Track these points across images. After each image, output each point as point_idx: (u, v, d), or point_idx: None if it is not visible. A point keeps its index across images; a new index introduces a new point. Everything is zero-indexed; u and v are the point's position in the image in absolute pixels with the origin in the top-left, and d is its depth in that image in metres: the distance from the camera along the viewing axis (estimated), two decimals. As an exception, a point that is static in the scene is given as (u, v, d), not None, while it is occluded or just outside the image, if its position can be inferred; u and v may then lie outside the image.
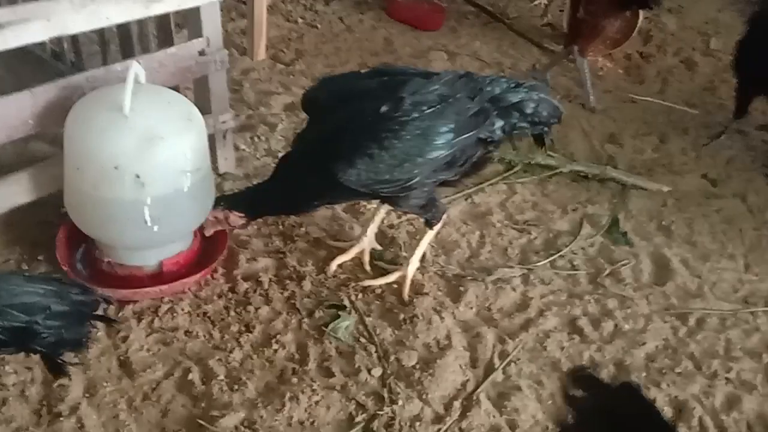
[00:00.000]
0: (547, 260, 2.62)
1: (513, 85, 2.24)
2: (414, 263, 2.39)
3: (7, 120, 2.11)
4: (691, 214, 3.00)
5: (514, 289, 2.47)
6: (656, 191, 3.13)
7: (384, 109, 2.05)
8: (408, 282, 2.38)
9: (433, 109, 2.08)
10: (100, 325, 2.08)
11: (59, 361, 1.68)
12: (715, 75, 4.38)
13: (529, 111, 2.21)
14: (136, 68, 2.05)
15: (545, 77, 4.02)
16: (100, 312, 1.78)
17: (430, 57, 4.17)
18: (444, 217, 2.38)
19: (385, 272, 2.48)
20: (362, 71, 2.32)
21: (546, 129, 2.31)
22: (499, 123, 2.19)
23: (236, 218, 2.26)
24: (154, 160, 2.05)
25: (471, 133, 2.13)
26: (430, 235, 2.38)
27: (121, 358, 2.08)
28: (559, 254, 2.66)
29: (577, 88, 4.02)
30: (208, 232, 2.32)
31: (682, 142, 3.62)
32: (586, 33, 3.82)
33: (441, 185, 2.31)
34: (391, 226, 2.74)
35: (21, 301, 1.50)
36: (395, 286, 2.44)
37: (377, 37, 4.35)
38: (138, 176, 2.03)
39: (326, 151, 2.09)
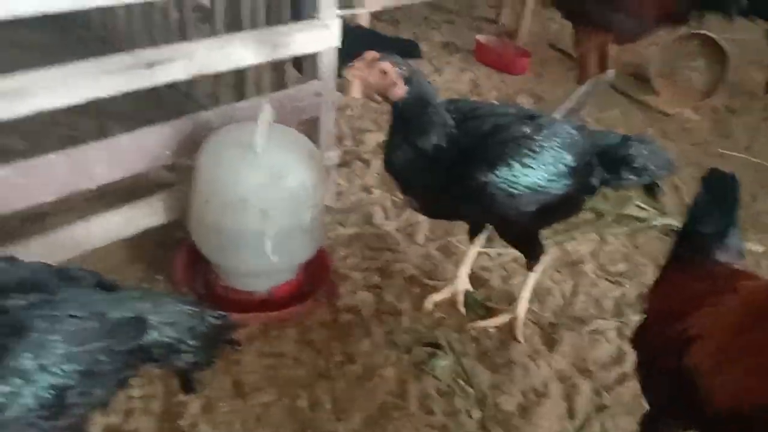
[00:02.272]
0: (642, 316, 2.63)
1: (622, 138, 2.30)
2: (524, 305, 2.47)
3: (149, 150, 2.29)
4: (785, 276, 2.97)
5: (609, 342, 2.50)
6: (748, 251, 3.11)
7: (527, 130, 2.13)
8: (521, 323, 2.46)
9: (563, 143, 2.16)
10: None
11: (192, 379, 1.80)
12: (804, 133, 4.34)
13: (637, 165, 2.25)
14: (268, 112, 2.20)
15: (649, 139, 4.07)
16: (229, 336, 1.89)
17: (516, 100, 4.26)
18: (545, 259, 2.44)
19: (486, 313, 2.57)
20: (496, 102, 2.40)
21: (656, 180, 2.34)
22: (605, 175, 2.25)
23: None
24: (279, 196, 2.19)
25: (583, 178, 2.20)
26: (533, 277, 2.44)
27: (235, 379, 2.20)
28: (652, 309, 2.67)
29: (663, 139, 4.04)
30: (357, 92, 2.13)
31: (772, 201, 3.59)
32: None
33: (541, 223, 2.36)
34: (483, 269, 2.81)
35: (174, 320, 1.63)
36: (491, 330, 2.50)
37: (465, 79, 4.48)
38: (264, 210, 2.16)
39: (464, 155, 2.09)
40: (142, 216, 2.43)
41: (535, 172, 2.12)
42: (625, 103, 4.44)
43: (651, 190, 2.39)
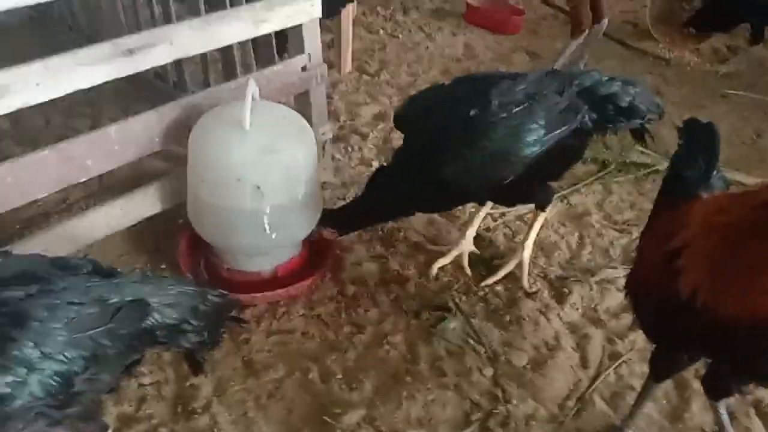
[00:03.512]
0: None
1: (606, 78, 2.24)
2: (528, 248, 2.45)
3: (137, 138, 2.28)
4: (796, 210, 2.91)
5: (619, 290, 2.47)
6: (753, 186, 3.06)
7: (473, 112, 2.10)
8: (526, 267, 2.45)
9: (521, 107, 2.11)
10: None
11: (200, 359, 1.81)
12: (810, 65, 4.24)
13: (623, 104, 2.19)
14: (252, 86, 2.18)
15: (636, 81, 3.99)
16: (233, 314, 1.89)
17: (512, 60, 4.20)
18: (553, 200, 2.42)
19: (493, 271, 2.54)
20: (445, 83, 2.38)
21: (643, 123, 2.29)
22: (593, 115, 2.18)
23: (329, 234, 2.45)
24: (273, 172, 2.17)
25: (563, 128, 2.14)
26: (541, 217, 2.40)
27: (245, 358, 2.20)
28: (661, 254, 2.64)
29: (664, 85, 3.97)
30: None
31: (780, 136, 3.52)
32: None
33: (543, 180, 2.35)
34: (487, 230, 2.79)
35: (175, 301, 1.63)
36: (498, 288, 2.49)
37: (458, 43, 4.42)
38: (258, 187, 2.15)
39: (422, 160, 2.15)
40: (139, 206, 2.42)
41: (496, 148, 2.08)
42: (622, 51, 4.36)
43: (640, 135, 2.33)
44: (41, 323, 1.45)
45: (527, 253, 2.46)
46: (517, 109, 2.11)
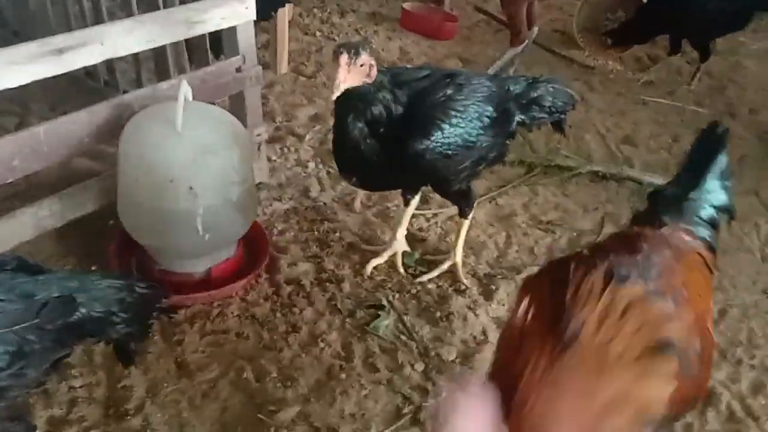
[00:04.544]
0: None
1: (531, 81, 2.43)
2: (459, 250, 2.59)
3: (67, 139, 2.24)
4: (707, 210, 3.12)
5: (543, 286, 2.59)
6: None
7: (449, 91, 2.21)
8: (460, 267, 2.59)
9: (483, 97, 2.26)
10: (156, 329, 2.24)
11: (130, 351, 1.81)
12: (723, 74, 4.52)
13: (547, 104, 2.41)
14: (185, 88, 2.18)
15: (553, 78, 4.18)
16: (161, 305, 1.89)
17: (446, 65, 4.30)
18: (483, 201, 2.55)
19: (426, 269, 2.64)
20: (408, 66, 2.47)
21: (563, 116, 2.49)
22: (521, 117, 2.37)
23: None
24: (206, 173, 2.18)
25: (504, 125, 2.32)
26: (466, 223, 2.54)
27: (178, 360, 2.20)
28: (583, 252, 2.78)
29: (589, 92, 4.16)
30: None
31: (695, 141, 3.74)
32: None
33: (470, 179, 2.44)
34: (420, 230, 2.87)
35: (102, 294, 1.64)
36: (429, 286, 2.57)
37: (393, 47, 4.50)
38: (192, 188, 2.16)
39: (397, 127, 2.13)
40: (68, 207, 2.38)
41: (464, 129, 2.20)
42: (551, 59, 4.54)
43: (559, 126, 2.52)
44: (-35, 320, 1.44)
45: (459, 254, 2.59)
46: (480, 97, 2.25)
